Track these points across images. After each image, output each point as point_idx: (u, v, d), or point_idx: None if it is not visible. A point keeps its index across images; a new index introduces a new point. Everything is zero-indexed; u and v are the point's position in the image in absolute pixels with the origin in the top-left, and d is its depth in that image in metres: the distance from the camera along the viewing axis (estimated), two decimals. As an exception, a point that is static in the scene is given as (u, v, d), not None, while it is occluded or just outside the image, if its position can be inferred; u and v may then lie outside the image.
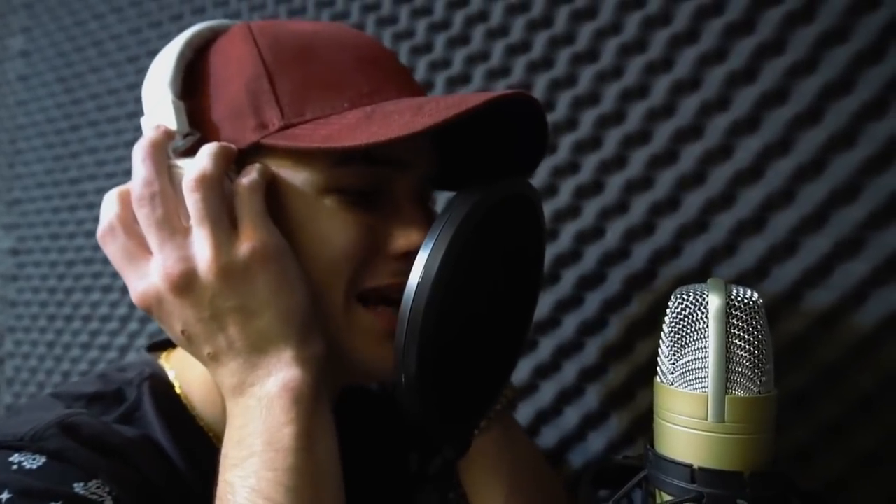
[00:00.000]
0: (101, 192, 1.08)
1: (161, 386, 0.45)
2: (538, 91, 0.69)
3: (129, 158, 1.11)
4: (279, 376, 0.36)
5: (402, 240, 0.41)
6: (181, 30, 0.45)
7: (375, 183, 0.41)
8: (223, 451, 0.36)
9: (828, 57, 0.54)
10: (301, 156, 0.40)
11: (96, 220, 1.18)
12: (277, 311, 0.37)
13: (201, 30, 0.45)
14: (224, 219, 0.37)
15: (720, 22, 0.58)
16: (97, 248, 1.08)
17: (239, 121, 0.41)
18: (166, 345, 0.49)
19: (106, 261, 1.07)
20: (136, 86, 1.06)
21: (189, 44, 0.43)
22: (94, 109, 1.12)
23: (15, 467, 0.35)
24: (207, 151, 0.38)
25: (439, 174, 0.46)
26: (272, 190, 0.40)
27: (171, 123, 0.40)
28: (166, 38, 1.00)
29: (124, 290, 1.05)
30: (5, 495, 0.33)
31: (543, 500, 0.55)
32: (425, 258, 0.36)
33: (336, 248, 0.40)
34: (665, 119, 0.61)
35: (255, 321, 0.37)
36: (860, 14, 0.52)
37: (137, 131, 1.11)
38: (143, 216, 0.38)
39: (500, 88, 0.71)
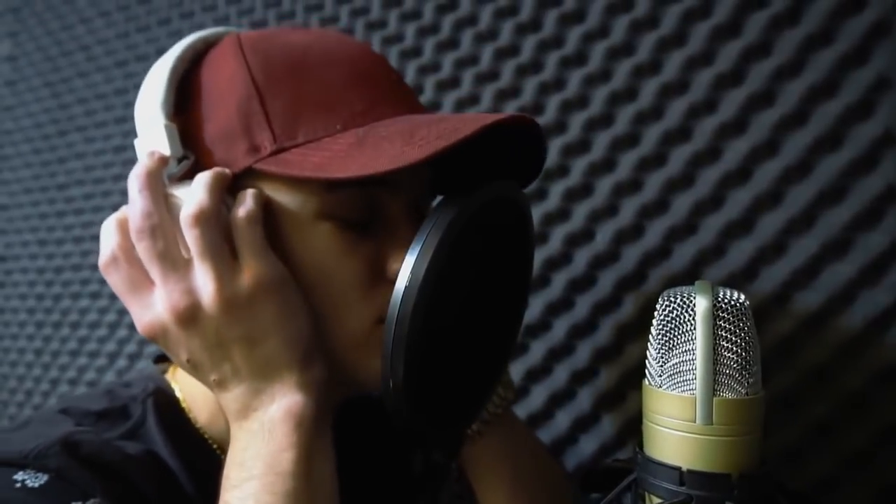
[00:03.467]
0: (90, 197, 1.08)
1: (165, 401, 0.45)
2: (527, 94, 0.69)
3: (117, 164, 1.10)
4: (282, 402, 0.37)
5: (396, 263, 0.41)
6: (169, 34, 0.44)
7: (369, 208, 0.41)
8: (225, 472, 0.37)
9: (813, 59, 0.54)
10: (295, 181, 0.40)
11: (84, 226, 1.17)
12: (281, 338, 0.38)
13: (193, 42, 0.44)
14: (224, 251, 0.38)
15: (707, 25, 0.58)
16: (85, 254, 1.08)
17: (231, 143, 0.40)
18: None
19: (94, 267, 1.06)
20: (125, 90, 1.05)
21: (181, 58, 0.43)
22: (82, 114, 1.11)
23: (18, 485, 0.36)
24: (202, 182, 0.38)
25: (435, 178, 0.46)
26: (267, 214, 0.40)
27: (165, 148, 0.40)
28: (154, 42, 1.01)
29: (113, 297, 1.04)
30: None
31: (548, 496, 0.55)
32: (412, 263, 0.36)
33: (339, 278, 0.40)
34: (653, 122, 0.61)
35: (259, 349, 0.38)
36: (845, 17, 0.53)
37: (126, 136, 1.11)
38: (144, 249, 0.38)
39: (490, 93, 0.71)
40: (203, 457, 0.44)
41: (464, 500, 0.55)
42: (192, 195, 0.38)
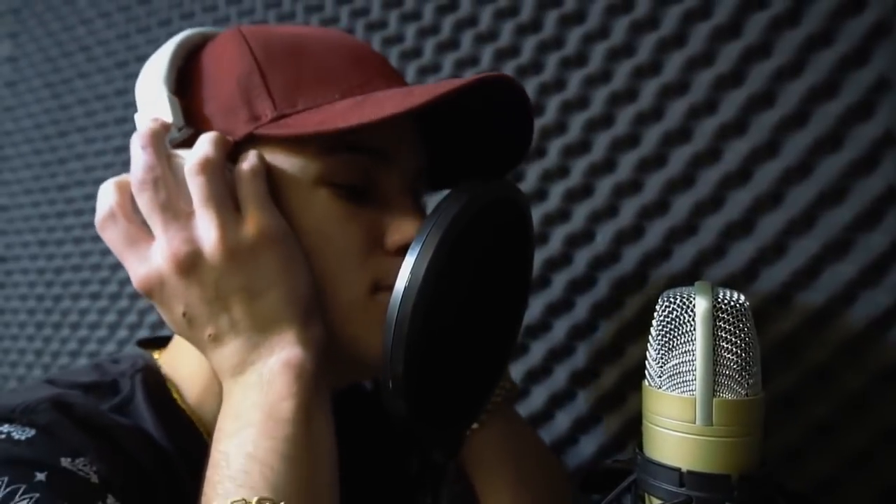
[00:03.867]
0: (90, 198, 1.08)
1: (153, 378, 0.45)
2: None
3: (117, 164, 1.10)
4: (282, 354, 0.37)
5: (396, 234, 0.42)
6: (170, 35, 0.45)
7: (366, 177, 0.42)
8: (217, 426, 0.36)
9: (814, 60, 0.54)
10: (294, 145, 0.40)
11: (85, 226, 1.17)
12: (282, 292, 0.37)
13: (192, 34, 0.45)
14: (228, 202, 0.38)
15: (707, 26, 0.58)
16: (86, 255, 1.08)
17: (232, 115, 0.41)
18: (157, 343, 0.49)
19: (94, 268, 1.06)
20: (125, 91, 1.05)
21: (181, 45, 0.44)
22: (83, 115, 1.11)
23: (3, 436, 0.35)
24: (207, 138, 0.39)
25: (432, 173, 0.46)
26: (267, 180, 0.40)
27: (167, 117, 0.40)
28: (155, 43, 1.01)
29: (113, 298, 1.04)
30: None
31: (549, 490, 0.54)
32: (412, 262, 0.36)
33: (337, 243, 0.41)
34: (653, 122, 0.61)
35: (259, 301, 0.37)
36: (845, 18, 0.53)
37: (126, 137, 1.11)
38: (146, 200, 0.38)
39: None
40: (189, 438, 0.43)
41: (464, 501, 0.55)
42: (198, 147, 0.38)
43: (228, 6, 0.94)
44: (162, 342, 0.49)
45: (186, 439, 0.43)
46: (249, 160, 0.39)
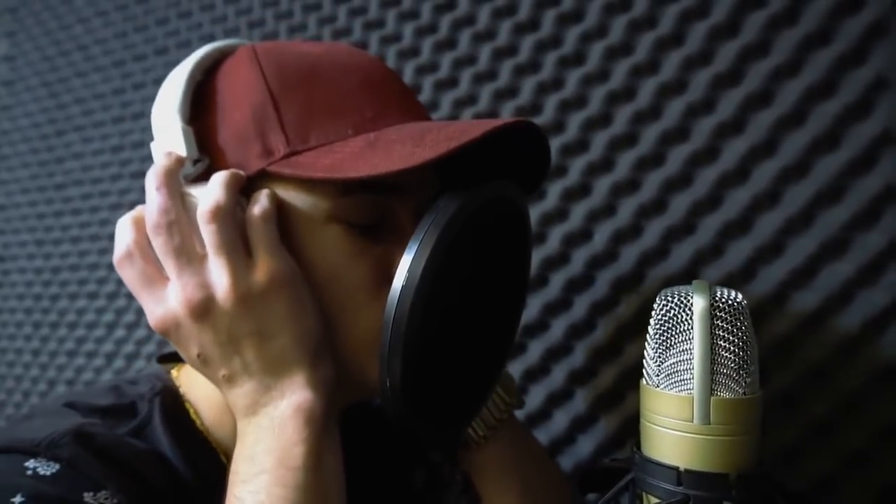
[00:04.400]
0: (87, 197, 1.08)
1: (171, 401, 0.46)
2: (525, 94, 0.69)
3: (114, 164, 1.10)
4: (292, 398, 0.38)
5: None
6: (167, 33, 0.45)
7: (378, 212, 0.42)
8: (233, 467, 0.38)
9: (811, 59, 0.54)
10: (306, 183, 0.41)
11: (82, 225, 1.17)
12: (292, 335, 0.38)
13: (210, 51, 0.45)
14: (239, 247, 0.38)
15: (705, 25, 0.58)
16: (82, 254, 1.08)
17: (245, 146, 0.41)
18: (177, 357, 0.49)
19: (91, 267, 1.06)
20: (122, 90, 1.05)
21: (199, 66, 0.44)
22: (80, 114, 1.11)
23: (30, 472, 0.36)
24: (219, 181, 0.39)
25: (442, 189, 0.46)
26: (279, 216, 0.41)
27: (181, 150, 0.41)
28: (152, 41, 1.01)
29: (110, 297, 1.04)
30: (18, 499, 0.34)
31: (554, 501, 0.54)
32: (409, 262, 0.36)
33: (349, 280, 0.41)
34: (651, 121, 0.61)
35: (270, 345, 0.38)
36: (843, 17, 0.53)
37: (123, 136, 1.10)
38: (160, 244, 0.39)
39: (488, 93, 0.71)
40: (206, 460, 0.44)
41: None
42: (210, 192, 0.39)
43: (226, 5, 0.94)
44: (180, 357, 0.50)
45: (203, 460, 0.43)
46: (260, 203, 0.40)
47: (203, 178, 0.40)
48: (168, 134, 0.42)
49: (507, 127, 0.37)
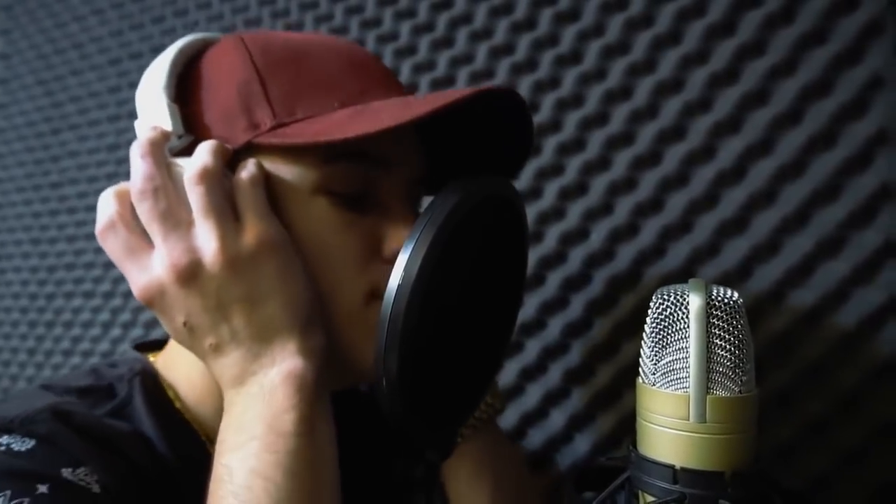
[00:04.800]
0: (83, 196, 1.08)
1: (151, 382, 0.45)
2: (522, 93, 0.68)
3: (110, 162, 1.10)
4: (283, 365, 0.37)
5: (393, 242, 0.42)
6: (163, 32, 0.45)
7: (364, 185, 0.42)
8: (220, 437, 0.36)
9: (807, 58, 0.54)
10: (293, 154, 0.40)
11: (78, 224, 1.17)
12: (282, 300, 0.37)
13: (193, 40, 0.45)
14: (227, 211, 0.38)
15: (701, 24, 0.58)
16: (79, 253, 1.07)
17: (231, 122, 0.41)
18: (153, 346, 0.49)
19: (87, 266, 1.06)
20: (118, 88, 1.05)
21: (181, 52, 0.44)
22: (75, 112, 1.11)
23: (3, 448, 0.35)
24: (206, 148, 0.39)
25: (429, 178, 0.46)
26: (266, 188, 0.40)
27: (167, 125, 0.40)
28: (148, 40, 1.00)
29: (106, 296, 1.04)
30: None
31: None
32: (405, 260, 0.36)
33: (336, 251, 0.41)
34: (648, 120, 0.61)
35: (260, 311, 0.37)
36: (839, 16, 0.53)
37: (119, 135, 1.10)
38: (146, 209, 0.38)
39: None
40: (188, 441, 0.43)
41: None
42: (197, 156, 0.38)
43: (222, 3, 0.93)
44: (158, 345, 0.49)
45: (185, 442, 0.43)
46: (248, 169, 0.39)
47: (187, 152, 0.40)
48: (153, 112, 0.41)
49: (491, 90, 0.37)
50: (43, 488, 0.34)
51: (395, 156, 0.42)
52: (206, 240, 0.37)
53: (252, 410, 0.36)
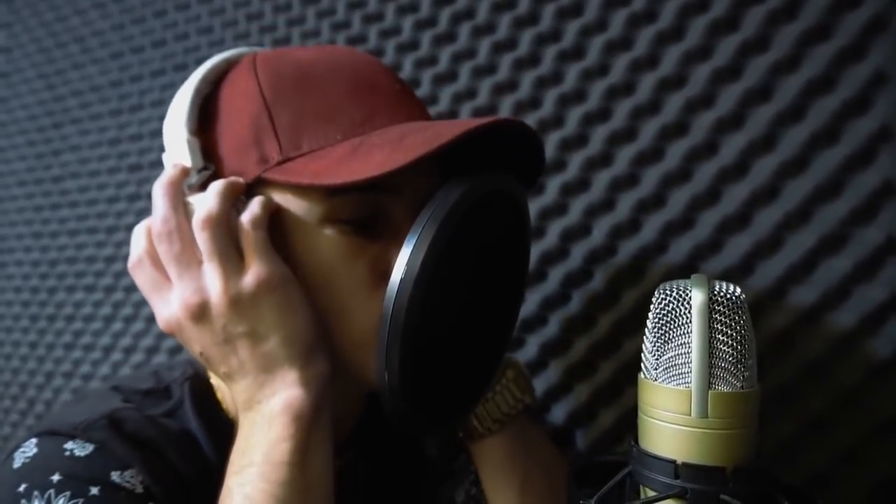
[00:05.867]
0: (85, 190, 1.08)
1: (200, 385, 0.49)
2: (524, 88, 0.68)
3: (112, 156, 1.10)
4: (282, 395, 0.40)
5: None
6: (165, 25, 0.45)
7: (372, 210, 0.43)
8: (230, 457, 0.40)
9: (811, 54, 0.54)
10: (298, 188, 0.42)
11: (79, 218, 1.17)
12: (283, 335, 0.40)
13: (218, 63, 0.47)
14: (231, 252, 0.41)
15: (705, 19, 0.58)
16: (80, 247, 1.08)
17: (244, 154, 0.43)
18: None
19: (89, 260, 1.06)
20: (119, 82, 1.05)
21: (204, 80, 0.46)
22: (77, 106, 1.11)
23: (67, 453, 0.41)
24: (214, 190, 0.42)
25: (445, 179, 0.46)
26: (276, 220, 0.43)
27: (187, 160, 0.44)
28: (150, 33, 1.00)
29: (107, 290, 1.04)
30: (56, 477, 0.39)
31: (555, 496, 0.55)
32: (407, 255, 0.36)
33: (344, 280, 0.42)
34: (650, 116, 0.61)
35: (262, 345, 0.40)
36: (843, 12, 0.53)
37: (121, 128, 1.10)
38: (163, 251, 0.41)
39: (487, 87, 0.71)
40: (231, 442, 0.45)
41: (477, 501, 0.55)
42: (204, 202, 0.41)
43: (224, -2, 0.93)
44: None
45: (228, 440, 0.44)
46: (251, 210, 0.42)
47: (206, 187, 0.43)
48: (176, 145, 0.44)
49: (485, 127, 0.38)
50: (94, 490, 0.39)
51: (405, 182, 0.43)
52: (212, 281, 0.40)
53: (254, 437, 0.39)
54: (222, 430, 0.47)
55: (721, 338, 0.34)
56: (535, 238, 0.67)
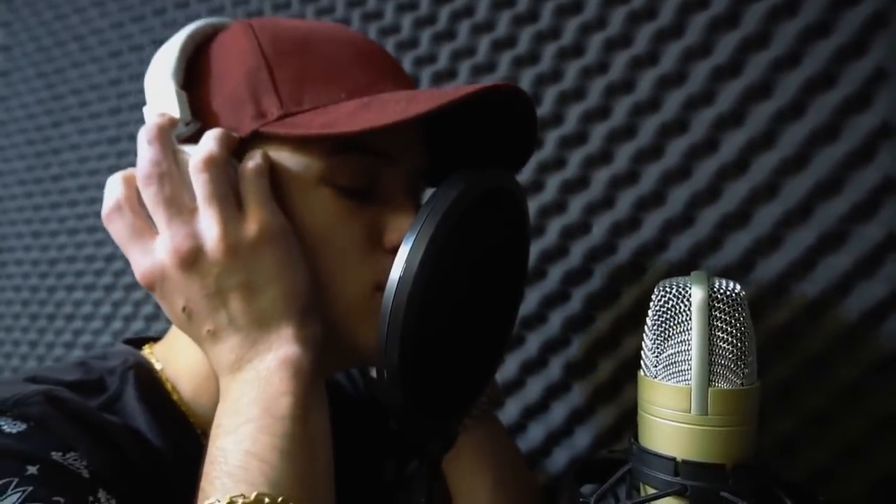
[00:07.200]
0: (84, 189, 1.08)
1: (146, 375, 0.45)
2: (524, 86, 0.68)
3: (111, 155, 1.09)
4: (279, 352, 0.37)
5: (394, 233, 0.42)
6: (164, 24, 0.45)
7: (368, 178, 0.42)
8: (215, 422, 0.36)
9: (811, 51, 0.54)
10: (299, 144, 0.41)
11: (79, 217, 1.17)
12: (281, 289, 0.38)
13: (202, 26, 0.45)
14: (231, 198, 0.38)
15: (704, 16, 0.58)
16: (80, 246, 1.08)
17: (238, 110, 0.41)
18: (143, 341, 0.49)
19: (89, 259, 1.06)
20: (119, 81, 1.05)
21: (191, 38, 0.44)
22: (76, 105, 1.10)
23: None
24: (213, 136, 0.39)
25: (431, 171, 0.47)
26: (271, 177, 0.40)
27: (174, 112, 0.41)
28: (149, 32, 1.00)
29: (108, 289, 1.04)
30: None
31: (525, 495, 0.55)
32: (407, 251, 0.36)
33: (338, 242, 0.41)
34: (650, 114, 0.61)
35: (258, 298, 0.37)
36: (842, 8, 0.53)
37: (120, 127, 1.10)
38: (151, 195, 0.38)
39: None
40: (184, 435, 0.43)
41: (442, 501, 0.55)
42: (203, 144, 0.39)
43: (223, -5, 0.93)
44: (147, 340, 0.49)
45: (180, 435, 0.43)
46: (254, 159, 0.40)
47: (196, 139, 0.40)
48: (161, 97, 0.42)
49: (496, 88, 0.37)
50: (32, 469, 0.34)
51: (399, 148, 0.43)
52: (209, 226, 0.37)
53: (248, 395, 0.36)
54: (174, 425, 0.43)
55: (721, 335, 0.34)
56: (535, 236, 0.67)
